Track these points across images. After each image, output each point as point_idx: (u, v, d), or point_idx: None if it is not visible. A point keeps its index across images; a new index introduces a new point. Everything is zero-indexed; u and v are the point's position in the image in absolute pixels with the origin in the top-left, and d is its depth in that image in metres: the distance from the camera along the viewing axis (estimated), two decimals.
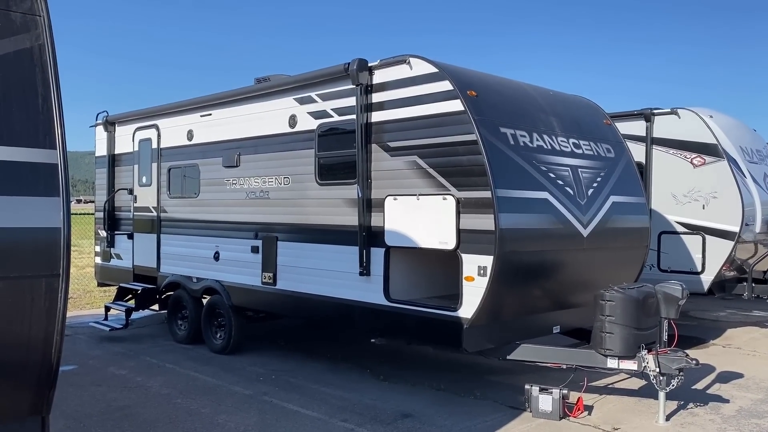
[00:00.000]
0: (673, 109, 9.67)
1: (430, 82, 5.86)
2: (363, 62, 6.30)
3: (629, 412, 6.02)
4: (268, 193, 7.59)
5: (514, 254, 5.57)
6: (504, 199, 5.45)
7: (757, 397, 6.50)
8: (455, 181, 5.66)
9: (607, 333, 5.68)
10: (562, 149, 6.36)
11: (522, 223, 5.64)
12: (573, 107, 7.11)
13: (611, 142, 7.16)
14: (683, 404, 6.23)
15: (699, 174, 9.34)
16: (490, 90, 6.08)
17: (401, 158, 6.10)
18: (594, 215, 6.40)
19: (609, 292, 5.69)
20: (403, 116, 6.10)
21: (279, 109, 7.40)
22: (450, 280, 6.04)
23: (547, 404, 5.79)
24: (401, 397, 6.45)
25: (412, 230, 5.97)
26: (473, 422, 5.70)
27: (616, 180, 6.85)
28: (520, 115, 6.13)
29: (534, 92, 6.69)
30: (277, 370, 7.47)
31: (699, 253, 9.30)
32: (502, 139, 5.72)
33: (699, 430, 5.56)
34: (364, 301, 6.40)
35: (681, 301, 5.62)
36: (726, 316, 11.45)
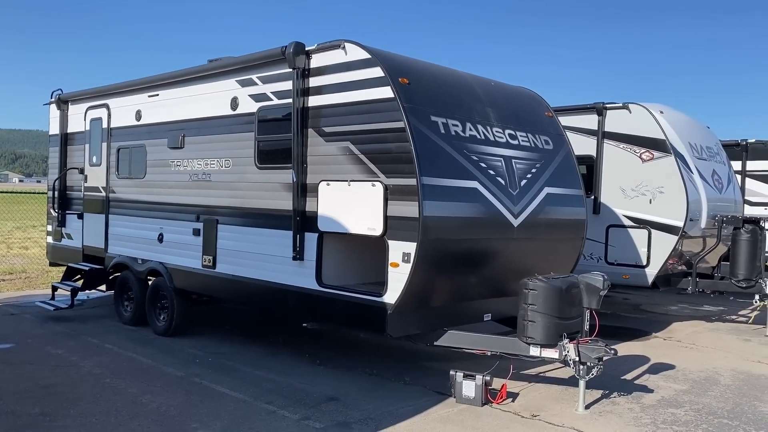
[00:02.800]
0: (624, 103, 9.78)
1: (363, 68, 5.87)
2: (299, 46, 6.29)
3: (553, 399, 6.12)
4: (210, 175, 7.56)
5: (439, 242, 5.62)
6: (430, 187, 5.49)
7: (681, 388, 6.64)
8: (384, 168, 5.69)
9: (530, 321, 5.76)
10: (496, 140, 6.41)
11: (448, 211, 5.68)
12: (513, 98, 7.16)
13: (551, 134, 7.22)
14: (607, 393, 6.35)
15: (647, 169, 9.46)
16: (425, 78, 6.10)
17: (335, 144, 6.11)
18: (526, 206, 6.46)
19: (532, 281, 5.76)
20: (338, 101, 6.11)
21: (222, 91, 7.37)
22: (383, 267, 6.08)
23: (470, 390, 5.87)
24: (332, 381, 6.50)
25: (343, 216, 6.00)
26: (396, 406, 5.76)
27: (552, 172, 6.92)
28: (455, 105, 6.16)
29: (473, 82, 6.72)
30: (216, 353, 7.49)
31: (645, 246, 9.45)
32: (433, 128, 5.75)
33: (615, 418, 5.68)
34: (297, 286, 6.43)
35: (602, 291, 5.71)
36: (676, 310, 11.65)
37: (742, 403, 6.21)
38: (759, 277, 9.42)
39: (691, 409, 5.97)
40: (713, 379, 7.02)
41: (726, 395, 6.44)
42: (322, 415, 5.50)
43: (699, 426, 5.52)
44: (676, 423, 5.58)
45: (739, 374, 7.27)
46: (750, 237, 9.38)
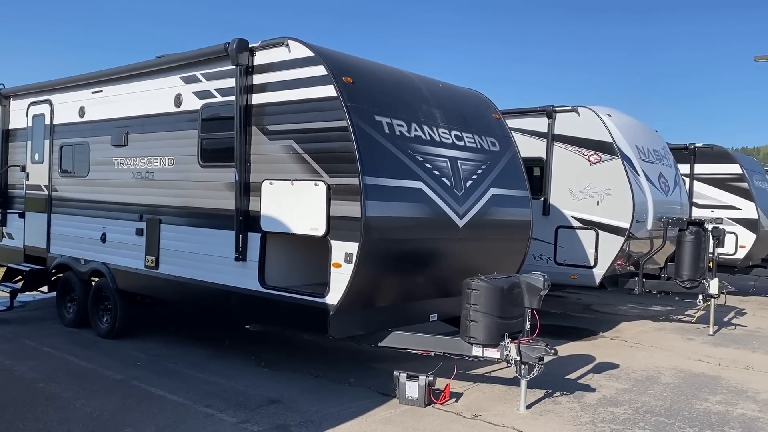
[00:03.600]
0: (573, 106, 9.92)
1: (307, 66, 5.81)
2: (243, 42, 6.19)
3: (496, 399, 6.15)
4: (153, 174, 7.39)
5: (382, 242, 5.59)
6: (373, 187, 5.46)
7: (623, 387, 6.74)
8: (327, 168, 5.63)
9: (472, 321, 5.78)
10: (442, 140, 6.41)
11: (391, 211, 5.66)
12: (460, 100, 7.19)
13: (497, 135, 7.27)
14: (550, 392, 6.40)
15: (595, 171, 9.62)
16: (369, 77, 6.06)
17: (279, 142, 6.04)
18: (471, 206, 6.48)
19: (474, 281, 5.78)
20: (282, 99, 6.04)
21: (166, 88, 7.21)
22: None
23: (414, 391, 5.85)
24: (276, 383, 6.41)
25: (286, 216, 5.92)
26: (338, 408, 5.71)
27: (498, 173, 6.96)
28: (400, 105, 6.15)
29: (420, 83, 6.72)
30: (159, 356, 7.33)
31: (592, 247, 9.60)
32: (377, 128, 5.72)
33: (555, 417, 5.73)
34: (240, 287, 6.32)
35: (542, 291, 5.75)
36: (625, 310, 11.87)
37: (679, 401, 6.33)
38: (703, 277, 9.66)
39: (630, 407, 6.06)
40: (654, 378, 7.15)
41: (665, 393, 6.56)
42: (262, 418, 5.41)
43: (636, 424, 5.61)
44: (614, 421, 5.66)
45: (679, 373, 7.43)
46: (694, 238, 9.61)
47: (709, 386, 6.89)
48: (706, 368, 7.69)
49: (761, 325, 10.81)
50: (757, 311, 12.29)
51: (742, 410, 6.10)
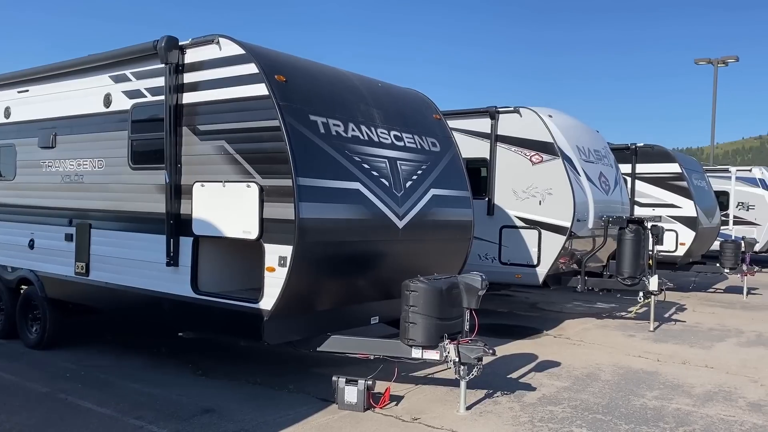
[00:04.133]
0: (516, 107, 10.00)
1: (238, 64, 5.65)
2: (172, 40, 5.98)
3: (437, 401, 6.09)
4: (82, 177, 7.09)
5: (317, 245, 5.47)
6: (307, 188, 5.33)
7: (563, 385, 6.78)
8: (260, 168, 5.48)
9: (411, 323, 5.70)
10: (381, 141, 6.33)
11: (327, 213, 5.54)
12: (400, 100, 7.13)
13: (438, 136, 7.23)
14: (491, 393, 6.39)
15: (537, 171, 9.71)
16: (304, 76, 5.94)
17: (210, 143, 5.85)
18: (411, 207, 6.42)
19: (413, 283, 5.71)
20: (213, 99, 5.86)
21: (94, 87, 6.93)
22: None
23: (353, 396, 5.74)
24: (212, 391, 6.21)
25: (218, 219, 5.74)
26: (274, 416, 5.56)
27: (439, 173, 6.92)
28: (337, 104, 6.04)
29: (358, 82, 6.62)
30: (91, 366, 7.02)
31: (535, 246, 9.69)
32: (311, 127, 5.60)
33: (494, 417, 5.71)
34: (172, 293, 6.10)
35: (481, 291, 5.72)
36: (570, 308, 12.02)
37: (617, 397, 6.40)
38: (643, 274, 9.85)
39: (568, 405, 6.09)
40: (594, 375, 7.22)
41: (604, 390, 6.63)
42: (194, 429, 5.22)
43: (573, 422, 5.63)
44: (553, 420, 5.67)
45: (619, 369, 7.53)
46: (634, 236, 9.80)
47: (647, 382, 7.00)
48: (645, 364, 7.82)
49: (700, 320, 11.09)
50: (697, 307, 12.62)
51: (677, 405, 6.21)
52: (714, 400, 6.41)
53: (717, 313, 11.86)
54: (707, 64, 31.49)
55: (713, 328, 10.30)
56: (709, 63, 31.39)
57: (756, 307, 12.73)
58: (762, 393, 6.70)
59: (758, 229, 20.07)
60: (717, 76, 31.17)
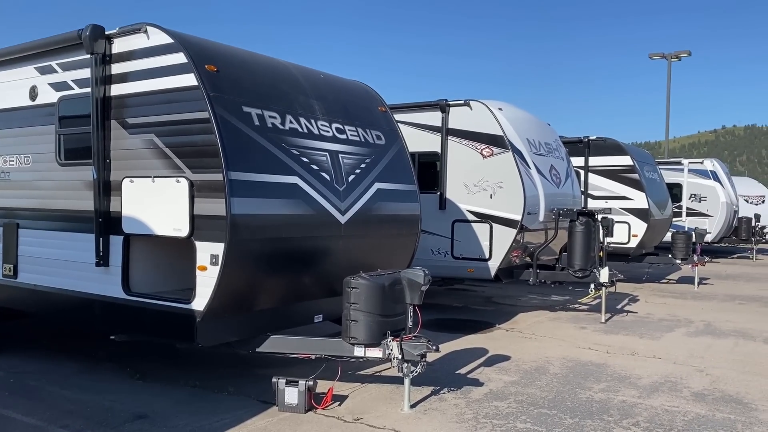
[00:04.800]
0: (466, 100, 9.92)
1: (167, 54, 5.39)
2: (98, 29, 5.69)
3: (382, 400, 5.95)
4: (9, 174, 6.73)
5: (252, 242, 5.26)
6: (239, 183, 5.12)
7: (511, 380, 6.71)
8: (190, 163, 5.25)
9: (352, 321, 5.55)
10: (321, 133, 6.14)
11: (262, 208, 5.34)
12: (344, 92, 6.94)
13: (383, 129, 7.08)
14: (438, 389, 6.27)
15: (487, 164, 9.65)
16: (238, 66, 5.71)
17: (139, 136, 5.58)
18: (354, 202, 6.26)
19: (354, 280, 5.55)
20: (142, 90, 5.59)
21: (19, 79, 6.58)
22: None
23: (293, 397, 5.56)
24: (148, 396, 5.95)
25: (148, 216, 5.48)
26: (211, 420, 5.34)
27: (384, 167, 6.77)
28: (273, 96, 5.83)
29: (298, 73, 6.42)
30: (23, 372, 6.67)
31: (487, 240, 9.63)
32: (245, 119, 5.38)
33: (439, 415, 5.59)
34: (103, 295, 5.82)
35: (423, 287, 5.59)
36: (524, 301, 12.01)
37: (564, 391, 6.35)
38: (594, 267, 9.88)
39: (515, 400, 6.01)
40: (543, 369, 7.17)
41: (551, 384, 6.58)
42: None
43: (518, 418, 5.55)
44: (497, 416, 5.58)
45: (568, 362, 7.50)
46: (584, 229, 9.81)
47: (595, 374, 6.98)
48: (594, 356, 7.81)
49: (651, 311, 11.20)
50: (649, 297, 12.77)
51: (623, 397, 6.19)
52: (659, 390, 6.42)
53: (668, 304, 12.01)
54: (661, 58, 32.12)
55: (664, 319, 10.41)
56: (662, 57, 32.01)
57: (706, 297, 12.94)
58: (707, 382, 6.74)
59: (710, 220, 20.52)
60: (671, 70, 31.79)
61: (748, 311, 11.37)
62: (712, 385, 6.62)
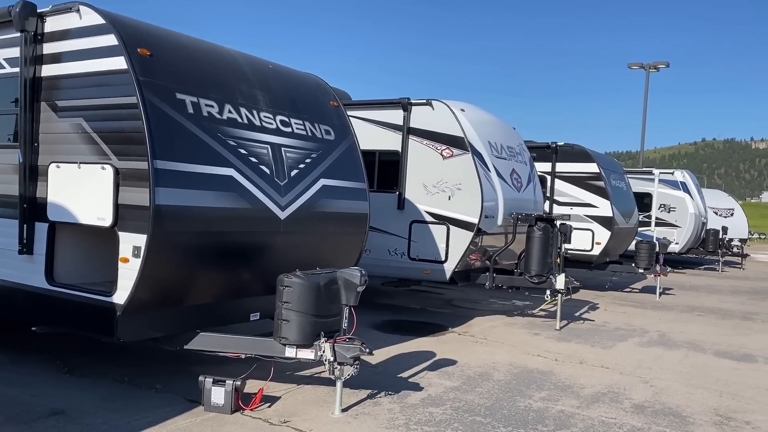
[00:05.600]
0: (428, 100, 9.77)
1: (98, 35, 5.17)
2: (29, 6, 5.44)
3: (315, 402, 5.78)
4: None
5: (177, 234, 5.06)
6: (166, 172, 4.91)
7: (452, 385, 6.57)
8: (116, 149, 5.03)
9: (284, 320, 5.37)
10: (264, 125, 5.95)
11: (192, 200, 5.13)
12: (293, 84, 6.75)
13: (333, 124, 6.90)
14: (374, 393, 6.11)
15: (447, 165, 9.51)
16: (175, 51, 5.50)
17: (68, 120, 5.35)
18: (296, 198, 6.07)
19: (288, 278, 5.37)
20: (73, 72, 5.35)
21: None
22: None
23: (219, 397, 5.36)
24: (71, 391, 5.71)
25: (74, 203, 5.25)
26: (131, 418, 5.12)
27: (331, 163, 6.60)
28: (212, 84, 5.62)
29: (243, 62, 6.21)
30: None
31: (443, 242, 9.49)
32: (177, 107, 5.17)
33: (369, 420, 5.43)
34: (25, 284, 5.58)
35: (359, 287, 5.44)
36: (484, 305, 11.90)
37: (504, 398, 6.23)
38: (550, 273, 9.79)
39: (451, 407, 5.87)
40: (487, 375, 7.05)
41: (492, 391, 6.45)
42: None
43: (450, 425, 5.41)
44: (430, 423, 5.43)
45: (514, 368, 7.38)
46: (542, 234, 9.72)
47: (539, 382, 6.87)
48: (542, 363, 7.71)
49: (608, 319, 11.16)
50: (609, 306, 12.74)
51: (562, 407, 6.08)
52: (600, 401, 6.32)
53: (627, 313, 11.98)
54: (640, 68, 32.34)
55: (619, 328, 10.36)
56: (641, 68, 32.23)
57: (666, 307, 12.95)
58: (649, 394, 6.66)
59: (678, 231, 20.64)
60: (648, 80, 32.03)
61: (705, 323, 11.38)
62: (654, 397, 6.55)
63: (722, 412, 6.18)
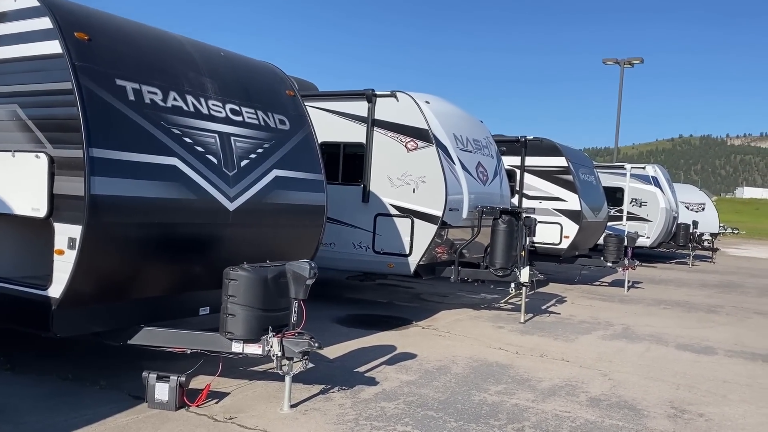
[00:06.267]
0: (392, 91, 9.64)
1: (33, 18, 4.96)
2: None
3: (264, 398, 5.64)
4: None
5: (116, 226, 4.88)
6: (103, 161, 4.73)
7: (409, 379, 6.47)
8: (52, 137, 4.83)
9: (230, 315, 5.22)
10: (212, 114, 5.78)
11: (131, 190, 4.95)
12: (246, 72, 6.58)
13: (289, 114, 6.74)
14: (327, 388, 5.99)
15: (412, 158, 9.40)
16: (116, 36, 5.30)
17: (3, 107, 5.14)
18: (246, 188, 5.92)
19: (234, 271, 5.22)
20: (8, 57, 5.14)
21: None
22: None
23: (164, 393, 5.20)
24: (10, 389, 5.49)
25: (8, 193, 5.05)
26: (68, 416, 4.94)
27: (285, 153, 6.44)
28: (156, 70, 5.44)
29: (192, 49, 6.03)
30: None
31: (408, 235, 9.39)
32: (117, 93, 4.98)
33: (319, 416, 5.31)
34: None
35: (309, 280, 5.31)
36: (452, 299, 11.82)
37: (459, 392, 6.15)
38: (515, 266, 9.74)
39: (404, 402, 5.77)
40: (446, 368, 6.96)
41: (448, 385, 6.36)
42: None
43: (401, 420, 5.31)
44: (380, 418, 5.33)
45: (473, 362, 7.31)
46: (506, 227, 9.66)
47: (497, 376, 6.80)
48: (503, 357, 7.65)
49: (575, 312, 11.15)
50: (577, 299, 12.75)
51: (517, 400, 6.01)
52: (557, 395, 6.27)
53: (594, 306, 11.99)
54: (614, 64, 32.52)
55: (585, 321, 10.35)
56: (616, 63, 32.41)
57: (633, 301, 13.00)
58: (606, 387, 6.62)
59: (649, 225, 20.78)
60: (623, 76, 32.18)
61: (670, 316, 11.43)
62: (610, 390, 6.51)
63: (677, 405, 6.16)
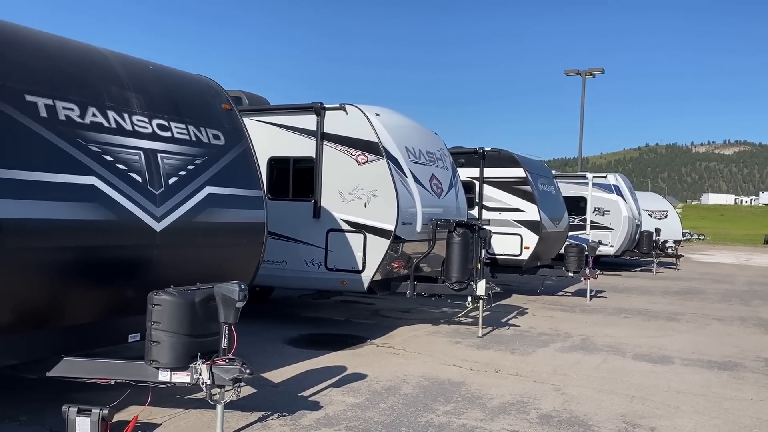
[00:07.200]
0: (341, 104, 9.45)
1: None
2: None
3: (198, 429, 5.34)
4: None
5: (22, 251, 4.55)
6: (8, 182, 4.41)
7: (354, 402, 6.21)
8: None
9: (154, 342, 4.91)
10: (136, 130, 5.49)
11: (41, 212, 4.63)
12: (176, 86, 6.31)
13: (224, 128, 6.48)
14: (267, 415, 5.71)
15: (362, 172, 9.20)
16: (27, 49, 5.00)
17: None
18: (174, 207, 5.62)
19: (157, 295, 4.92)
20: None
21: None
22: None
23: (85, 427, 4.85)
24: None
25: None
26: None
27: (219, 170, 6.17)
28: (73, 85, 5.15)
29: (116, 62, 5.75)
30: None
31: (360, 251, 9.15)
32: (27, 110, 4.68)
33: None
34: None
35: (239, 303, 5.02)
36: (411, 315, 11.57)
37: (405, 414, 5.91)
38: (471, 279, 9.57)
39: (345, 427, 5.51)
40: (395, 389, 6.72)
41: (395, 407, 6.12)
42: None
43: None
44: None
45: (425, 381, 7.07)
46: (461, 240, 9.50)
47: (447, 394, 6.58)
48: (456, 374, 7.43)
49: (535, 324, 11.01)
50: (538, 310, 12.63)
51: (465, 420, 5.79)
52: (507, 412, 6.07)
53: (555, 317, 11.88)
54: (576, 75, 32.94)
55: (544, 333, 10.20)
56: (577, 74, 32.86)
57: (594, 311, 12.92)
58: (558, 403, 6.44)
59: (612, 234, 20.87)
60: (585, 86, 32.60)
61: (630, 325, 11.35)
62: (562, 406, 6.33)
63: (629, 419, 6.01)
